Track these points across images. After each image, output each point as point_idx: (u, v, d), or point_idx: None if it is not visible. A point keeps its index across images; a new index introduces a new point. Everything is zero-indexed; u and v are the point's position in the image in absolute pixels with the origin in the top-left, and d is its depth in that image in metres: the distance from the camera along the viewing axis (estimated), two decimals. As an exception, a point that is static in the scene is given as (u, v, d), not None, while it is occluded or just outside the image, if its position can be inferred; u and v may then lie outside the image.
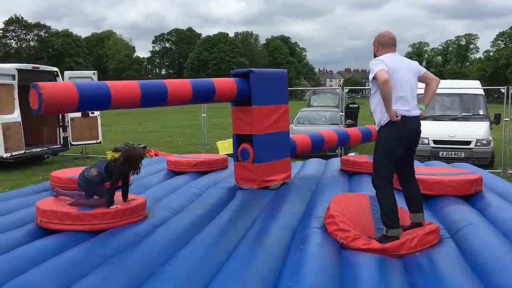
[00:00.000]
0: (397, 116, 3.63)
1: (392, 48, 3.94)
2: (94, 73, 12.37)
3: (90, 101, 4.02)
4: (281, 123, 5.82)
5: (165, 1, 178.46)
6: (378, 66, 3.70)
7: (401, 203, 4.00)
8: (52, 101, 3.76)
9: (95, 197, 4.31)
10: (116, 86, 4.21)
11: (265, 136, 5.57)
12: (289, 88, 6.32)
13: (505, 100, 10.90)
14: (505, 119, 10.85)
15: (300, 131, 13.33)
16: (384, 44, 3.95)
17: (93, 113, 12.28)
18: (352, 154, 10.76)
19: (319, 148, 6.79)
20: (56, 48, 76.23)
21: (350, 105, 16.62)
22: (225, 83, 5.24)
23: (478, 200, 4.95)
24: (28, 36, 78.86)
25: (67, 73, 12.23)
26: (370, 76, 3.80)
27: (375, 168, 3.80)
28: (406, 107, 3.73)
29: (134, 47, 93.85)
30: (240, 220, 4.25)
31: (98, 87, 4.13)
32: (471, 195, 5.07)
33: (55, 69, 12.05)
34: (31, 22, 78.17)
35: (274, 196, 5.19)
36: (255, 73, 5.44)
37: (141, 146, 12.80)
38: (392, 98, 3.63)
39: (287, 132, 5.97)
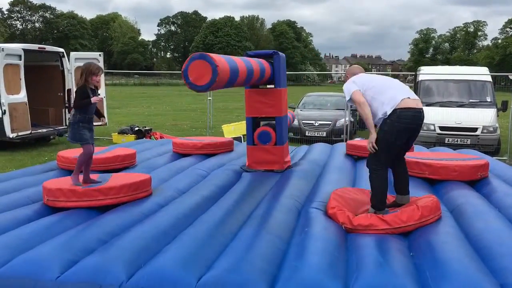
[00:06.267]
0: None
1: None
2: (100, 54, 12.33)
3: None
4: (286, 106, 5.88)
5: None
6: (352, 87, 3.88)
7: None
8: (223, 76, 3.71)
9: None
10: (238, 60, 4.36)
11: (284, 118, 5.61)
12: (295, 73, 6.29)
13: (513, 87, 10.81)
14: (513, 106, 10.78)
15: (306, 116, 13.32)
16: (355, 73, 4.15)
17: (99, 94, 12.26)
18: (358, 139, 10.76)
19: None
20: (61, 30, 76.06)
21: None
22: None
23: (484, 185, 4.95)
24: (33, 18, 78.67)
25: (73, 54, 12.19)
26: (347, 98, 3.96)
27: (374, 153, 3.83)
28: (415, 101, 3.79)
29: (139, 30, 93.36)
30: (245, 202, 4.27)
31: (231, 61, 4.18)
32: (477, 181, 5.07)
33: (61, 50, 12.02)
34: (36, 3, 77.88)
35: (279, 179, 5.20)
36: (279, 56, 5.44)
37: (146, 128, 12.84)
38: (378, 106, 3.73)
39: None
